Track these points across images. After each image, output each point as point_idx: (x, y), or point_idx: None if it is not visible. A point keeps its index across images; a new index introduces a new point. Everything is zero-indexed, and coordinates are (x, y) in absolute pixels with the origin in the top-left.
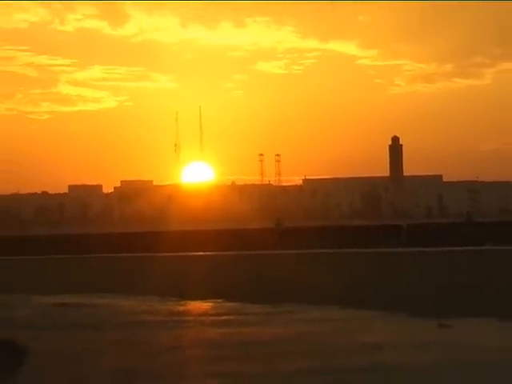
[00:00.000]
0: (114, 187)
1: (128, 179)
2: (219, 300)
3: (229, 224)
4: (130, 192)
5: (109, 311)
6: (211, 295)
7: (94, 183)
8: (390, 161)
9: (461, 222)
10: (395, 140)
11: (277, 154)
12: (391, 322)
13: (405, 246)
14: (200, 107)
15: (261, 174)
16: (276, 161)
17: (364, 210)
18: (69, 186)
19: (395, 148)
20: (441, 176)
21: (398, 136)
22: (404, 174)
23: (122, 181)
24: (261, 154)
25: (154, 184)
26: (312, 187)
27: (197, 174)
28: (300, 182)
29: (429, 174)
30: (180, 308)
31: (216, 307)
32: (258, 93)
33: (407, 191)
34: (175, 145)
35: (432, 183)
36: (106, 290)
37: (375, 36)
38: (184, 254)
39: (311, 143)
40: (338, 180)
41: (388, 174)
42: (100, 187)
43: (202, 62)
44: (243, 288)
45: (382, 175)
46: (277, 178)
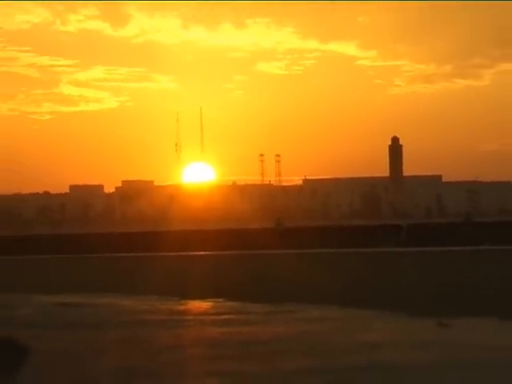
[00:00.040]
0: (116, 187)
1: (129, 179)
2: (220, 299)
3: (229, 224)
4: (132, 192)
5: (110, 310)
6: (212, 294)
7: (96, 183)
8: (390, 161)
9: (460, 222)
10: (395, 140)
11: (277, 155)
12: (391, 321)
13: (404, 246)
14: (201, 108)
15: (261, 174)
16: (276, 161)
17: (364, 210)
18: (70, 186)
19: (395, 148)
20: (440, 176)
21: (398, 136)
22: (404, 175)
23: (124, 181)
24: (261, 155)
25: (155, 184)
26: (312, 187)
27: (197, 175)
28: (300, 182)
29: (428, 175)
30: (181, 307)
31: (216, 306)
32: (259, 93)
33: (407, 191)
34: (176, 145)
35: (431, 183)
36: (108, 290)
37: (375, 37)
38: (185, 254)
39: (311, 143)
40: (338, 180)
41: (388, 175)
42: (101, 187)
43: (203, 63)
44: (244, 287)
45: (382, 175)
46: (277, 179)
